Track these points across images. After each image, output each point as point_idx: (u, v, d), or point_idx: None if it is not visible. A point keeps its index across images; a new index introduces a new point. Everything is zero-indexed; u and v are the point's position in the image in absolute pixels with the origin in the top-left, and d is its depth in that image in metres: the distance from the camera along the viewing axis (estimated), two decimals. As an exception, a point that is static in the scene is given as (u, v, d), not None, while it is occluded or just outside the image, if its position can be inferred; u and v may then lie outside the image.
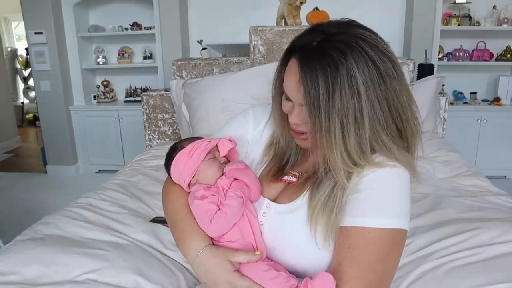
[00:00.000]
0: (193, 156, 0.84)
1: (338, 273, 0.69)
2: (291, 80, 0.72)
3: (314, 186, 0.77)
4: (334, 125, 0.67)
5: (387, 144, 0.71)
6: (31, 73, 4.41)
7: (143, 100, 2.43)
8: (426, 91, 2.17)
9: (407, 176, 0.73)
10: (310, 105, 0.68)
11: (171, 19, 3.50)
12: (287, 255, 0.77)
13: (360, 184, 0.72)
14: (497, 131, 3.29)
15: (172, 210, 0.87)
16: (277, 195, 0.84)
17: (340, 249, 0.71)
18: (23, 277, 0.96)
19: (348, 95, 0.66)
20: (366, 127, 0.68)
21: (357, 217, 0.71)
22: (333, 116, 0.67)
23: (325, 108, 0.67)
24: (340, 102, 0.66)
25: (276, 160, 0.88)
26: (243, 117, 0.97)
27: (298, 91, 0.70)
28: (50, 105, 3.62)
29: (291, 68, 0.73)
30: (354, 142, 0.69)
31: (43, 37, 3.45)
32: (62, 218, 1.24)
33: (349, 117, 0.67)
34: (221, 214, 0.76)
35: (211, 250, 0.75)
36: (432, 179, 1.63)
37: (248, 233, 0.78)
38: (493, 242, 1.06)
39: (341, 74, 0.66)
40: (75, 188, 3.26)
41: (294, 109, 0.75)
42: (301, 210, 0.77)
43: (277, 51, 2.35)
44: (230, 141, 0.87)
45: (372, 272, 0.68)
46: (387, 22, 3.42)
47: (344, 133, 0.68)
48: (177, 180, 0.88)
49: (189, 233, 0.79)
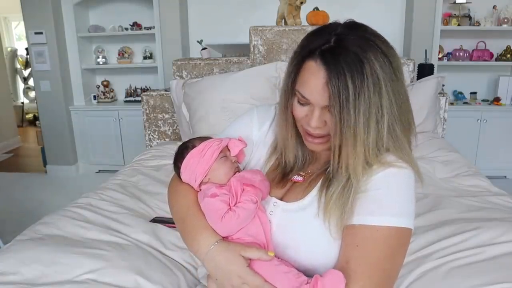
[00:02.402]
0: (206, 155, 0.84)
1: (346, 270, 0.69)
2: (313, 83, 0.71)
3: (326, 181, 0.77)
4: (361, 122, 0.68)
5: (401, 140, 0.73)
6: (31, 73, 4.41)
7: (143, 100, 2.43)
8: (426, 91, 2.17)
9: (412, 176, 0.75)
10: (339, 105, 0.67)
11: (171, 19, 3.50)
12: (297, 253, 0.77)
13: (369, 183, 0.73)
14: (497, 131, 3.29)
15: (180, 207, 0.86)
16: (284, 194, 0.84)
17: (348, 247, 0.72)
18: (23, 277, 0.96)
19: (371, 91, 0.67)
20: (385, 123, 0.69)
21: (365, 215, 0.71)
22: (360, 114, 0.67)
23: (353, 106, 0.67)
24: (365, 98, 0.67)
25: (283, 160, 0.88)
26: (248, 117, 0.97)
27: (323, 93, 0.69)
28: (50, 105, 3.62)
29: (310, 71, 0.71)
30: (373, 139, 0.70)
31: (43, 37, 3.45)
32: (62, 218, 1.24)
33: (371, 114, 0.68)
34: (233, 215, 0.76)
35: (223, 245, 0.75)
36: (432, 179, 1.63)
37: (259, 232, 0.78)
38: (493, 242, 1.06)
39: (366, 71, 0.66)
40: (75, 188, 3.26)
41: (314, 113, 0.73)
42: (310, 207, 0.78)
43: (277, 51, 2.35)
44: (240, 141, 0.88)
45: (380, 269, 0.69)
46: (387, 22, 3.42)
47: (366, 130, 0.69)
48: (187, 179, 0.88)
49: (199, 229, 0.79)
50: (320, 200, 0.76)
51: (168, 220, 1.28)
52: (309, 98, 0.73)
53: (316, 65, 0.70)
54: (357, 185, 0.73)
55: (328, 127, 0.74)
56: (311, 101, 0.73)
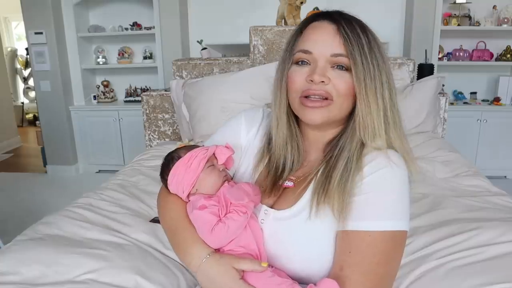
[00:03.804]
0: (192, 165, 0.81)
1: (340, 277, 0.68)
2: (318, 33, 0.73)
3: (321, 178, 0.76)
4: (376, 73, 0.70)
5: (399, 116, 0.74)
6: (31, 73, 4.42)
7: (143, 100, 2.43)
8: (426, 91, 2.17)
9: (405, 176, 0.73)
10: (354, 50, 0.69)
11: (171, 19, 3.50)
12: (290, 262, 0.76)
13: (360, 187, 0.71)
14: (497, 131, 3.29)
15: (170, 219, 0.84)
16: (275, 201, 0.82)
17: (341, 254, 0.71)
18: (23, 277, 0.96)
19: (380, 60, 0.70)
20: (393, 91, 0.72)
21: (357, 220, 0.70)
22: (375, 65, 0.70)
23: (369, 54, 0.69)
24: (380, 54, 0.70)
25: (273, 165, 0.85)
26: (236, 122, 0.95)
27: (333, 40, 0.71)
28: (50, 105, 3.62)
29: (315, 27, 0.74)
30: (389, 101, 0.72)
31: (43, 37, 3.45)
32: (62, 218, 1.24)
33: (382, 76, 0.71)
34: (223, 226, 0.74)
35: (215, 257, 0.74)
36: (432, 179, 1.63)
37: (251, 243, 0.76)
38: (493, 242, 1.06)
39: (372, 34, 0.71)
40: (75, 188, 3.26)
41: (317, 66, 0.72)
42: (303, 212, 0.76)
43: (277, 51, 2.35)
44: (227, 148, 0.85)
45: (374, 275, 0.68)
46: (387, 22, 3.42)
47: (384, 88, 0.71)
48: (175, 191, 0.85)
49: (191, 242, 0.77)
50: (313, 200, 0.74)
51: (168, 220, 1.28)
52: (312, 51, 0.73)
53: (320, 23, 0.73)
54: (359, 164, 0.72)
55: (331, 86, 0.72)
56: (315, 53, 0.73)
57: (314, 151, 0.84)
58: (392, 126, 0.73)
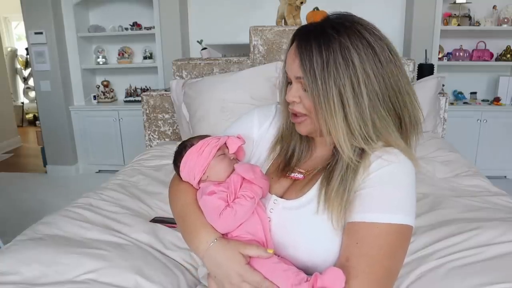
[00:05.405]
0: (204, 153, 0.85)
1: (347, 268, 0.69)
2: (290, 57, 0.78)
3: (324, 177, 0.78)
4: (332, 92, 0.71)
5: (386, 120, 0.74)
6: (31, 73, 4.42)
7: (143, 100, 2.43)
8: (426, 91, 2.17)
9: (413, 173, 0.75)
10: (306, 73, 0.73)
11: (171, 19, 3.50)
12: (298, 250, 0.77)
13: (368, 180, 0.73)
14: (497, 131, 3.29)
15: (180, 206, 0.87)
16: (284, 192, 0.85)
17: (348, 245, 0.72)
18: (23, 277, 0.96)
19: (342, 65, 0.71)
20: (365, 97, 0.71)
21: (365, 212, 0.71)
22: (330, 84, 0.71)
23: (320, 75, 0.71)
24: (336, 71, 0.71)
25: (282, 156, 0.89)
26: (249, 117, 0.99)
27: (294, 63, 0.76)
28: (50, 105, 3.62)
29: (291, 49, 0.78)
30: (354, 111, 0.72)
31: (43, 37, 3.45)
32: (62, 218, 1.24)
33: (346, 87, 0.71)
34: (230, 211, 0.76)
35: (222, 242, 0.76)
36: (432, 179, 1.63)
37: (258, 230, 0.78)
38: (493, 242, 1.06)
39: (334, 46, 0.71)
40: (75, 188, 3.27)
41: (291, 89, 0.79)
42: (311, 204, 0.77)
43: (277, 51, 2.35)
44: (238, 138, 0.89)
45: (380, 267, 0.69)
46: (387, 22, 3.42)
47: (344, 102, 0.71)
48: (186, 178, 0.89)
49: (199, 227, 0.79)
50: (321, 196, 0.76)
51: (168, 220, 1.28)
52: (288, 72, 0.79)
53: (294, 44, 0.77)
54: (356, 167, 0.74)
55: (301, 106, 0.78)
56: (289, 75, 0.79)
57: (323, 146, 0.87)
58: (382, 129, 0.74)
